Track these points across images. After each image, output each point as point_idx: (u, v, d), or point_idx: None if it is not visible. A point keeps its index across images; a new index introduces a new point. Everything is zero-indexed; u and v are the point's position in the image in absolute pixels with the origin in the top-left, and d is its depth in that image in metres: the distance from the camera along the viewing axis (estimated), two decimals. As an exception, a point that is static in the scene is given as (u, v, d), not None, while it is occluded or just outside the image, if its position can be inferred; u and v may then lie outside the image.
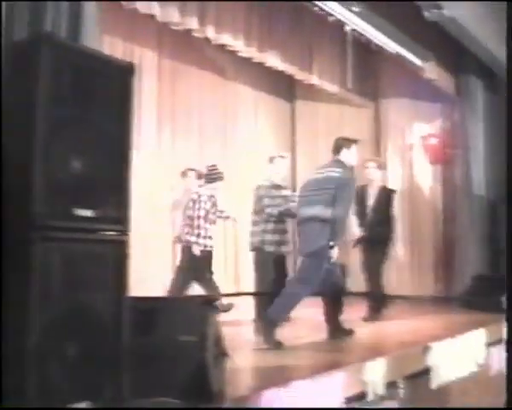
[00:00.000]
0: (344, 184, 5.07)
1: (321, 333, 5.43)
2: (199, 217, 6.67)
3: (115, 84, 2.58)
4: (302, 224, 5.24)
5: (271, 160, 6.42)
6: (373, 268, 6.71)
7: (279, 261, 6.23)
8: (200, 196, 6.72)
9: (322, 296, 5.44)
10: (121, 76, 2.60)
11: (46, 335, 2.26)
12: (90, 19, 3.22)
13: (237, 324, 6.20)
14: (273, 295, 6.22)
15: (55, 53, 2.37)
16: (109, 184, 2.54)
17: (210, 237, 6.79)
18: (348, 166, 5.32)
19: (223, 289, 8.22)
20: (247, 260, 7.18)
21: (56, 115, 2.37)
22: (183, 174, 7.32)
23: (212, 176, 6.89)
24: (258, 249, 6.20)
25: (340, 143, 5.43)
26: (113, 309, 2.53)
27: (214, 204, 6.79)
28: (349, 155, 5.37)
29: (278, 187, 6.26)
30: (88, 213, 2.43)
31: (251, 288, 8.63)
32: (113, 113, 2.57)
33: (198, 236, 6.67)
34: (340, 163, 5.29)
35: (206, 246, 6.76)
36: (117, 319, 2.53)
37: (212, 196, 6.78)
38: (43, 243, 2.29)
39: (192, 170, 7.29)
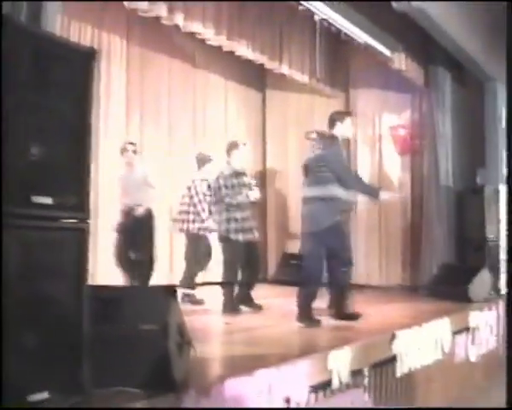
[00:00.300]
0: (330, 160, 5.34)
1: (289, 322, 5.46)
2: (200, 201, 6.71)
3: (76, 69, 2.53)
4: (307, 204, 5.49)
5: (235, 146, 6.43)
6: None
7: (248, 249, 6.25)
8: (194, 181, 6.79)
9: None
10: (82, 61, 2.55)
11: (4, 324, 2.22)
12: (51, 3, 3.15)
13: (202, 313, 6.18)
14: (245, 284, 6.26)
15: (14, 36, 2.31)
16: (69, 171, 2.49)
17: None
18: (341, 138, 5.54)
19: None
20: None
21: (14, 101, 2.31)
22: (123, 150, 6.82)
23: (200, 161, 7.01)
24: (224, 239, 6.20)
25: (334, 117, 5.60)
26: (73, 298, 2.49)
27: (209, 187, 6.78)
28: (343, 128, 5.54)
29: (239, 174, 6.29)
30: (47, 200, 2.38)
31: (217, 277, 8.62)
32: (73, 98, 2.52)
33: (204, 221, 6.78)
34: (328, 139, 5.53)
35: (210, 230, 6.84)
36: (77, 308, 2.50)
37: (205, 180, 6.84)
38: (1, 231, 2.24)
39: (132, 144, 6.88)
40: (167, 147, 8.63)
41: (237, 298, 6.19)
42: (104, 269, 7.02)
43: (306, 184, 5.58)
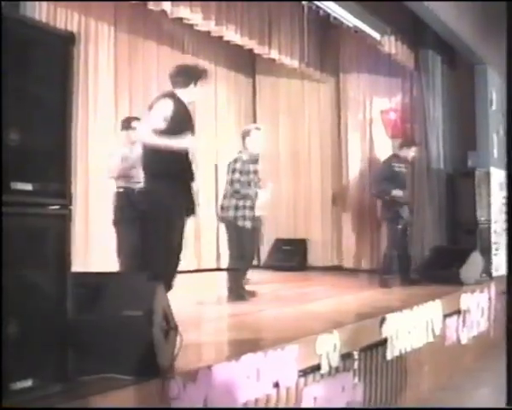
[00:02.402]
0: None
1: (280, 307, 5.47)
2: None
3: (54, 53, 2.48)
4: None
5: (247, 132, 6.28)
6: None
7: (253, 235, 6.23)
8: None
9: None
10: (61, 45, 2.50)
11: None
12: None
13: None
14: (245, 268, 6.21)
15: (-10, 21, 2.27)
16: (49, 157, 2.45)
17: None
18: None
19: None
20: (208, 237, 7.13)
21: (-8, 86, 2.28)
22: (127, 126, 5.97)
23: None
24: (231, 224, 6.11)
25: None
26: (56, 285, 2.46)
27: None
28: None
29: (255, 161, 6.20)
30: (27, 186, 2.35)
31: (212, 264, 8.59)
32: (52, 83, 2.47)
33: None
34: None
35: None
36: (60, 296, 2.47)
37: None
38: (-20, 218, 2.22)
39: (137, 119, 5.90)
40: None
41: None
42: (96, 259, 7.03)
43: None
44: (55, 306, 2.46)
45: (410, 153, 7.59)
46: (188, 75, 4.87)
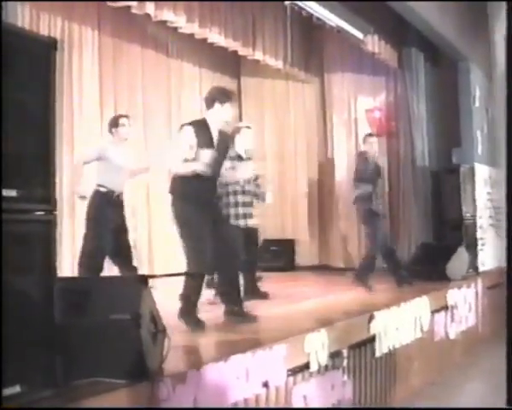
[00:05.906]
0: None
1: (269, 307, 5.49)
2: None
3: (38, 60, 2.49)
4: None
5: (238, 130, 6.23)
6: None
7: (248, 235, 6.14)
8: None
9: None
10: (42, 51, 2.51)
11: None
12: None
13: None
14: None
15: (-29, 28, 2.28)
16: (33, 163, 2.46)
17: None
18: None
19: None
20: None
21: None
22: (116, 124, 6.03)
23: None
24: None
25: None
26: (43, 290, 2.47)
27: None
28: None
29: (240, 158, 6.14)
30: (11, 192, 2.35)
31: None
32: (35, 89, 2.48)
33: None
34: None
35: None
36: (47, 301, 2.48)
37: None
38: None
39: (127, 117, 6.14)
40: (142, 138, 8.56)
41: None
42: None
43: None
44: (41, 311, 2.47)
45: (373, 144, 7.19)
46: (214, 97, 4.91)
